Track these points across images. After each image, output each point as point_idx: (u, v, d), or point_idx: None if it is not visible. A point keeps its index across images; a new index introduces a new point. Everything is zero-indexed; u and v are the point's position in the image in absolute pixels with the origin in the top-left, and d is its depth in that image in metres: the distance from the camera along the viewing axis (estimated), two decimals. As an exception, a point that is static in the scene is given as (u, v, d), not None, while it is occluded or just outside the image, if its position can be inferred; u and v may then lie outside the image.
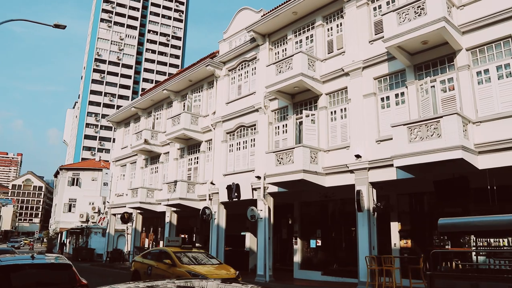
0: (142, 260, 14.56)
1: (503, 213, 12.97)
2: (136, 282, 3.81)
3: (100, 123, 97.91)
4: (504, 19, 11.77)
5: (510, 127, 11.17)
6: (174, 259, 12.78)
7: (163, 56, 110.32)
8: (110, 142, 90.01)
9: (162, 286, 3.49)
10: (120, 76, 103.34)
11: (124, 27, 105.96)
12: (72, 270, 7.00)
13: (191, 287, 3.82)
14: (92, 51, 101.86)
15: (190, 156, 23.61)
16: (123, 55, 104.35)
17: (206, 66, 21.49)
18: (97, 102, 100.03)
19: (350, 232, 16.75)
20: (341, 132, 15.46)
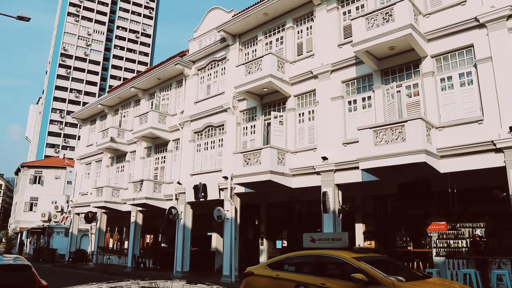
0: (277, 274, 8.66)
1: (462, 216, 13.44)
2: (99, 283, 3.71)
3: (65, 120, 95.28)
4: (466, 29, 12.18)
5: (470, 133, 11.55)
6: (373, 273, 7.36)
7: (132, 53, 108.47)
8: (75, 140, 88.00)
9: (126, 287, 3.42)
10: (87, 72, 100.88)
11: (92, 22, 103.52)
12: (32, 271, 6.78)
13: (155, 287, 3.75)
14: (58, 46, 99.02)
15: (157, 155, 23.30)
16: (91, 50, 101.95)
17: (175, 64, 21.27)
18: (62, 98, 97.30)
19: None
20: (309, 134, 15.60)
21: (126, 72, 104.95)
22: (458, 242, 13.68)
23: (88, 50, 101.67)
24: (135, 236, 23.45)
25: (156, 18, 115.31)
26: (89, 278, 16.61)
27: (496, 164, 11.00)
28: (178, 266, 19.49)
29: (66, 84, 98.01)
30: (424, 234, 14.31)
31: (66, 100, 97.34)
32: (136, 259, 22.75)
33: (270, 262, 9.46)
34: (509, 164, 10.76)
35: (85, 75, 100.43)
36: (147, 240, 26.33)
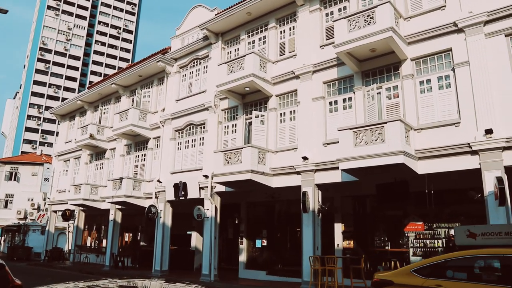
0: (438, 285, 6.22)
1: (439, 216, 13.69)
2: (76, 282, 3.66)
3: (43, 116, 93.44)
4: (445, 33, 12.42)
5: (447, 135, 11.78)
6: None
7: (113, 49, 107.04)
8: (53, 136, 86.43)
9: (103, 286, 3.38)
10: (67, 68, 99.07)
11: (72, 16, 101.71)
12: (5, 270, 6.62)
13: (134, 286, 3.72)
14: (37, 40, 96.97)
15: (137, 153, 23.09)
16: (71, 45, 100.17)
17: (157, 61, 21.10)
18: (41, 93, 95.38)
19: (295, 232, 17.01)
20: (290, 134, 15.67)
21: (107, 68, 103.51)
22: (434, 242, 13.95)
23: (68, 44, 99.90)
24: (114, 234, 23.19)
25: (138, 14, 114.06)
26: (66, 277, 16.37)
27: (471, 166, 11.24)
28: (157, 265, 19.36)
29: (45, 79, 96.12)
30: (402, 234, 14.53)
31: (44, 95, 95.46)
32: (115, 258, 22.51)
33: (418, 266, 6.86)
34: (484, 166, 11.00)
35: (64, 70, 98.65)
36: (126, 238, 26.10)
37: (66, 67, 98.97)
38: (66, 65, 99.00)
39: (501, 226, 7.68)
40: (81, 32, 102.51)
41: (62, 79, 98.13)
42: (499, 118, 11.09)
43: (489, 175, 10.86)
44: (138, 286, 3.72)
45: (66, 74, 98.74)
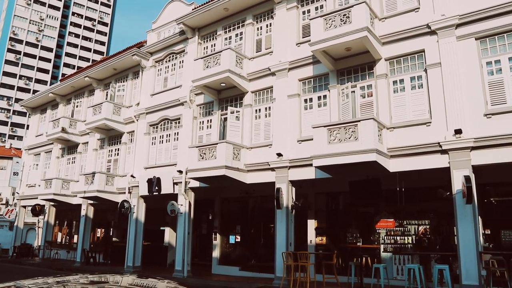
0: None
1: (409, 213, 14.00)
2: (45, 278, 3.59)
3: (13, 108, 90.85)
4: (419, 35, 12.69)
5: (418, 134, 12.05)
6: None
7: (87, 42, 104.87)
8: (24, 129, 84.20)
9: (73, 281, 3.32)
10: (39, 59, 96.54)
11: (45, 6, 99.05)
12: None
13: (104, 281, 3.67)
14: (7, 29, 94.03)
15: (111, 147, 22.75)
16: (43, 36, 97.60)
17: (132, 55, 20.82)
18: (11, 85, 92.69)
19: (269, 228, 17.11)
20: (265, 131, 15.73)
21: (80, 60, 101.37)
22: (404, 238, 14.26)
23: (40, 35, 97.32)
24: (85, 230, 22.81)
25: (114, 7, 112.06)
26: (35, 273, 16.02)
27: (441, 165, 11.54)
28: (129, 261, 19.15)
29: (15, 70, 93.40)
30: (373, 230, 14.80)
31: (14, 87, 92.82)
32: (86, 254, 22.16)
33: None
34: (453, 165, 11.31)
35: (36, 61, 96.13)
36: (98, 234, 25.71)
37: (38, 58, 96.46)
38: (38, 57, 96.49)
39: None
40: (54, 23, 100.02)
41: (34, 70, 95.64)
42: (468, 119, 11.41)
43: (457, 174, 11.17)
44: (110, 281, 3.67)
45: (38, 65, 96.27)
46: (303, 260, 13.14)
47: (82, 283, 3.36)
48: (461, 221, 10.99)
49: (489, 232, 13.08)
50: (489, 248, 12.64)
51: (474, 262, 10.62)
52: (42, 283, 3.19)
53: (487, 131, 11.03)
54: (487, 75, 11.55)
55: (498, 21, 11.44)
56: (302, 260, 13.14)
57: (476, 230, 10.85)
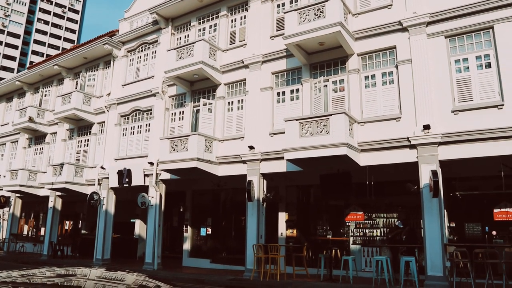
0: None
1: (378, 207, 14.27)
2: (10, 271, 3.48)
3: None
4: (391, 31, 12.88)
5: (388, 129, 12.27)
6: None
7: (57, 29, 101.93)
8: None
9: (40, 274, 3.23)
10: (5, 45, 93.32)
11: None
12: None
13: (72, 274, 3.58)
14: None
15: (80, 138, 22.26)
16: (10, 22, 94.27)
17: (103, 44, 20.37)
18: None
19: (240, 221, 17.15)
20: (237, 123, 15.70)
21: (50, 48, 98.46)
22: (373, 231, 14.55)
23: (7, 21, 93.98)
24: (53, 222, 22.28)
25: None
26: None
27: (410, 160, 11.79)
28: (98, 254, 18.85)
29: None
30: (343, 223, 15.04)
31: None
32: (53, 247, 21.67)
33: None
34: (421, 159, 11.57)
35: (2, 48, 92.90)
36: (66, 226, 25.20)
37: (4, 45, 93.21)
38: (4, 43, 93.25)
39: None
40: (22, 9, 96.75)
41: (0, 57, 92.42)
42: (436, 115, 11.68)
43: (425, 168, 11.44)
44: (77, 274, 3.58)
45: (4, 52, 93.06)
46: (273, 252, 13.23)
47: (48, 276, 3.28)
48: (428, 214, 11.27)
49: (454, 225, 13.51)
50: (454, 240, 13.04)
51: (439, 254, 10.92)
52: (6, 277, 3.09)
53: (454, 127, 11.31)
54: (455, 72, 11.83)
55: (467, 20, 11.72)
56: (272, 253, 13.23)
57: (442, 223, 11.15)
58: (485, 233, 13.06)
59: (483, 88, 11.36)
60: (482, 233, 13.17)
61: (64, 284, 3.16)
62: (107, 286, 3.14)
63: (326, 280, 12.69)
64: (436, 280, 10.79)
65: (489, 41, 11.53)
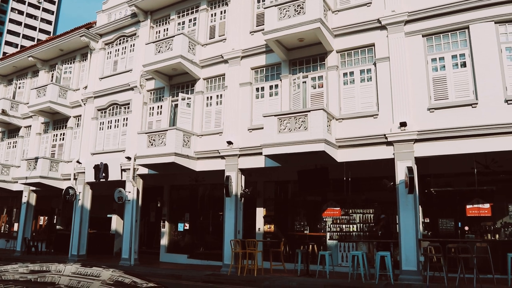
0: None
1: (355, 202, 14.43)
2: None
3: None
4: (369, 29, 13.02)
5: (366, 126, 12.41)
6: None
7: (32, 20, 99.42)
8: (-39, 110, 79.04)
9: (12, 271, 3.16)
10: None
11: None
12: None
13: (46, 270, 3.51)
14: None
15: (56, 131, 21.82)
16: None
17: (80, 36, 19.98)
18: None
19: (218, 216, 17.13)
20: (215, 118, 15.64)
21: (24, 39, 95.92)
22: (349, 226, 14.72)
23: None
24: (27, 217, 21.83)
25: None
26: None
27: (386, 156, 11.96)
28: (74, 250, 18.56)
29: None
30: (320, 219, 15.17)
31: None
32: (27, 243, 21.23)
33: None
34: (397, 156, 11.74)
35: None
36: (41, 222, 24.73)
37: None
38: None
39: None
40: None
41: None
42: (413, 112, 11.87)
43: (401, 165, 11.62)
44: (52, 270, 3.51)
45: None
46: (251, 247, 13.26)
47: (21, 272, 3.21)
48: (403, 210, 11.46)
49: (428, 221, 13.78)
50: (428, 235, 13.31)
51: (414, 248, 11.13)
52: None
53: (429, 125, 11.53)
54: (432, 71, 12.04)
55: (444, 20, 11.93)
56: (250, 248, 13.26)
57: (416, 219, 11.36)
58: (458, 228, 13.38)
59: (458, 87, 11.59)
60: (455, 228, 13.48)
61: (37, 280, 3.10)
62: (82, 282, 3.10)
63: (303, 275, 12.78)
64: (410, 275, 10.99)
65: (465, 41, 11.75)
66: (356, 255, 11.83)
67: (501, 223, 12.85)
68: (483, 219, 12.76)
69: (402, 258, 11.26)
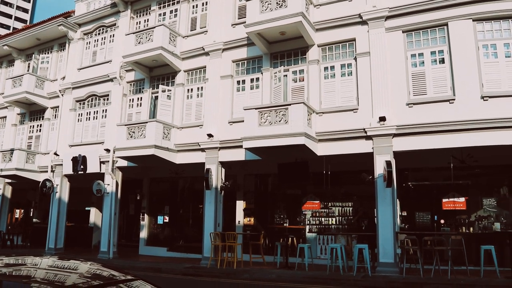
0: None
1: (334, 196, 14.57)
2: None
3: None
4: (351, 24, 13.10)
5: (346, 120, 12.52)
6: None
7: (7, 7, 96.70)
8: None
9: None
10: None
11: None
12: None
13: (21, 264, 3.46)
14: None
15: (32, 123, 21.38)
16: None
17: (58, 25, 19.54)
18: None
19: (198, 209, 17.09)
20: (196, 111, 15.55)
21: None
22: (328, 219, 14.88)
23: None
24: (2, 210, 21.36)
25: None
26: None
27: (365, 150, 12.10)
28: (51, 243, 18.27)
29: None
30: (300, 212, 15.28)
31: None
32: (2, 236, 20.81)
33: None
34: (376, 150, 11.89)
35: None
36: (17, 215, 24.26)
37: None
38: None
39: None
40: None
41: None
42: (392, 107, 12.02)
43: (380, 159, 11.77)
44: (27, 263, 3.46)
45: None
46: (230, 240, 13.28)
47: (-5, 266, 3.15)
48: (381, 204, 11.62)
49: (405, 214, 14.01)
50: (405, 228, 13.54)
51: (391, 241, 11.31)
52: None
53: (408, 120, 11.70)
54: (411, 66, 12.21)
55: (424, 16, 12.09)
56: (230, 241, 13.28)
57: (394, 212, 11.55)
58: (434, 221, 13.65)
59: (436, 83, 11.78)
60: (431, 221, 13.75)
61: (12, 274, 3.05)
62: (59, 275, 3.06)
63: (282, 268, 12.88)
64: (388, 267, 11.18)
65: (444, 38, 11.93)
66: (334, 247, 11.96)
67: (475, 217, 13.15)
68: (458, 212, 13.05)
69: (379, 251, 11.44)
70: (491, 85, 11.20)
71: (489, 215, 12.98)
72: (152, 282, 3.10)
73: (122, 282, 2.99)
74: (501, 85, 11.14)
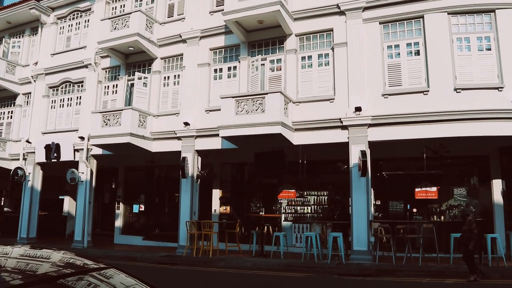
0: None
1: (310, 185, 14.70)
2: None
3: None
4: (329, 14, 13.11)
5: (322, 110, 12.59)
6: None
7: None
8: None
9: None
10: None
11: None
12: None
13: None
14: None
15: (3, 109, 20.78)
16: None
17: (30, 8, 18.95)
18: None
19: (174, 198, 17.01)
20: (173, 99, 15.40)
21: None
22: (304, 208, 15.03)
23: None
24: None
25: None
26: None
27: (341, 140, 12.22)
28: (23, 232, 17.93)
29: None
30: (276, 201, 15.37)
31: None
32: (-29, 225, 20.32)
33: None
34: (351, 140, 12.03)
35: None
36: (-13, 204, 23.69)
37: None
38: None
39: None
40: None
41: None
42: (368, 98, 12.15)
43: (355, 149, 11.92)
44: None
45: None
46: (206, 229, 13.28)
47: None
48: (356, 193, 11.79)
49: (379, 203, 14.26)
50: (378, 217, 13.78)
51: (365, 229, 11.51)
52: None
53: (383, 110, 11.84)
54: (387, 58, 12.35)
55: (400, 8, 12.21)
56: (205, 229, 13.28)
57: (368, 201, 11.74)
58: (407, 210, 13.94)
59: (411, 74, 11.96)
60: (404, 210, 14.04)
61: (-19, 264, 2.97)
62: (30, 264, 2.99)
63: (258, 256, 12.97)
64: (361, 254, 11.38)
65: (419, 30, 12.09)
66: (309, 236, 12.10)
67: (446, 206, 13.50)
68: (430, 201, 13.35)
69: (353, 239, 11.63)
70: (464, 77, 11.44)
71: (459, 204, 13.32)
72: (125, 270, 3.07)
73: (95, 271, 2.95)
74: (473, 78, 11.38)
